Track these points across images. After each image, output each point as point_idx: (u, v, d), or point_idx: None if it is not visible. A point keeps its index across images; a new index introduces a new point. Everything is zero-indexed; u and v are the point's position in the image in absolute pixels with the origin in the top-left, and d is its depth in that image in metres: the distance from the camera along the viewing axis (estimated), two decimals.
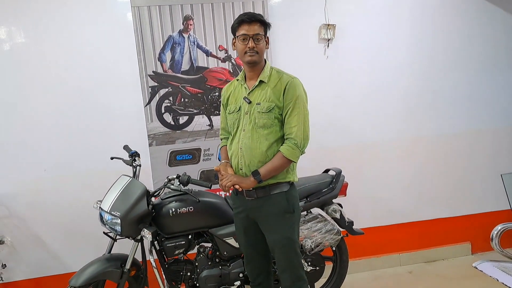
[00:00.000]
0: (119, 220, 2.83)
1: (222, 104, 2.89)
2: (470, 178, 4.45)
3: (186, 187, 3.04)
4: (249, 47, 2.55)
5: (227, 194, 3.34)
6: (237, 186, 2.56)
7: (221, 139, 2.98)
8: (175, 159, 3.79)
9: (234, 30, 2.62)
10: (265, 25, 2.61)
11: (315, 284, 3.50)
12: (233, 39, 2.67)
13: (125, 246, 3.07)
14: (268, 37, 2.67)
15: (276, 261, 2.75)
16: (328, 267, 3.57)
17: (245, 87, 2.69)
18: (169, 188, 3.03)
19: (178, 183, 2.99)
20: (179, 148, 3.79)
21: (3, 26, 3.57)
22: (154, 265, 3.00)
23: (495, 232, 3.19)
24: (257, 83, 2.63)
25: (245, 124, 2.63)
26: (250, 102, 2.62)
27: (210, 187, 2.97)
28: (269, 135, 2.58)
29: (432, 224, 4.41)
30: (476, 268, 3.05)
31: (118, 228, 2.85)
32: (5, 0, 3.55)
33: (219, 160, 3.70)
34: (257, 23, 2.56)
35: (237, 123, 2.68)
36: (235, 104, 2.72)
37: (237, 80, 2.79)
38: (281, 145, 2.60)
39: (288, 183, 2.66)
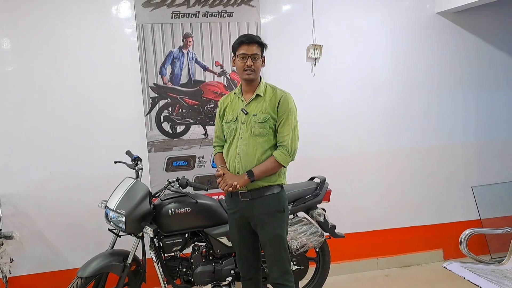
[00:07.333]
0: (123, 217, 3.05)
1: (219, 114, 3.11)
2: (442, 189, 4.66)
3: (184, 190, 3.27)
4: (247, 65, 2.81)
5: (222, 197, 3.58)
6: (235, 184, 2.76)
7: (214, 147, 3.19)
8: (172, 165, 3.99)
9: (234, 49, 2.89)
10: (262, 46, 2.89)
11: (299, 283, 3.71)
12: (233, 57, 2.92)
13: (124, 244, 3.28)
14: (264, 57, 2.93)
15: (266, 256, 2.98)
16: (311, 268, 3.77)
17: (242, 100, 2.94)
18: (169, 190, 3.26)
19: (178, 185, 3.22)
20: (175, 155, 3.99)
21: (18, 40, 3.76)
22: (155, 260, 3.21)
23: (463, 236, 3.40)
24: (253, 96, 2.89)
25: (242, 133, 2.87)
26: (247, 113, 2.88)
27: (207, 190, 3.22)
28: (264, 143, 2.84)
29: (407, 231, 4.61)
30: (446, 268, 3.27)
31: (123, 225, 3.08)
32: (23, 18, 3.75)
33: (213, 167, 3.95)
34: (255, 44, 2.84)
35: (234, 132, 2.92)
36: (232, 115, 2.95)
37: (234, 93, 3.03)
38: (273, 151, 2.85)
39: (279, 186, 2.92)
